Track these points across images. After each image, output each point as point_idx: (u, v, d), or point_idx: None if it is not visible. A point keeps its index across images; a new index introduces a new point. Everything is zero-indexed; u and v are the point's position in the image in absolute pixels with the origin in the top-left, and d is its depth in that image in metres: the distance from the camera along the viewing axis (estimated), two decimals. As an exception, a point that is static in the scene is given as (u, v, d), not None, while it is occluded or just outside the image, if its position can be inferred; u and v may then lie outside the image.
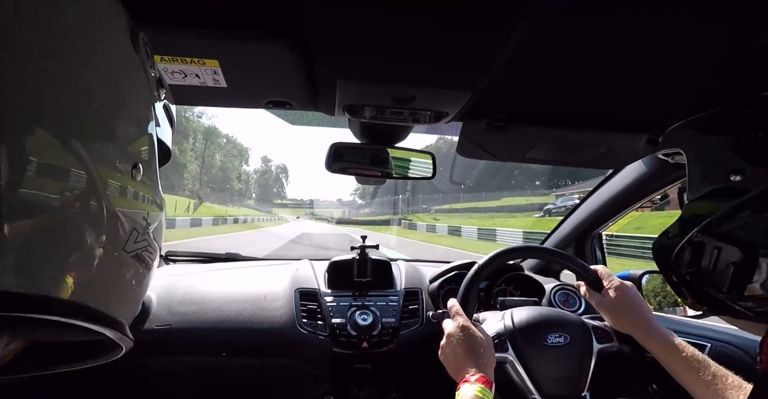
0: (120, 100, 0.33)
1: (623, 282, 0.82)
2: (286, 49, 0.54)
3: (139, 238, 0.35)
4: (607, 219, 1.35)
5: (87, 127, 0.28)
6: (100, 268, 0.31)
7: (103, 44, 0.31)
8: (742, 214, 0.52)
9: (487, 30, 0.49)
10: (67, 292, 0.27)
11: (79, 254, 0.28)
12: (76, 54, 0.27)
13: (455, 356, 0.72)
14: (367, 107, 0.69)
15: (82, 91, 0.28)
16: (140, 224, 0.36)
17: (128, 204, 0.34)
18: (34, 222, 0.24)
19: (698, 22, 0.48)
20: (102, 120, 0.30)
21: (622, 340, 0.83)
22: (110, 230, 0.31)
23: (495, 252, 0.88)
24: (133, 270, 0.35)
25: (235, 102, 0.74)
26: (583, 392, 0.79)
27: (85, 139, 0.28)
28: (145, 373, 1.11)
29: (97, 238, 0.30)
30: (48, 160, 0.25)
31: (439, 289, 1.26)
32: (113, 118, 0.32)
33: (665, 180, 1.10)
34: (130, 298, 0.35)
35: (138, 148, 0.35)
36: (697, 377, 0.65)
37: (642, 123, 0.76)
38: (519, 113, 0.73)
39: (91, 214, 0.29)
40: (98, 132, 0.30)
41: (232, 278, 1.31)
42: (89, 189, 0.28)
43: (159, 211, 0.40)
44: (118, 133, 0.32)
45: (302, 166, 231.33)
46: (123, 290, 0.34)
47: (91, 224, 0.29)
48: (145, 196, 0.37)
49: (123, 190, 0.33)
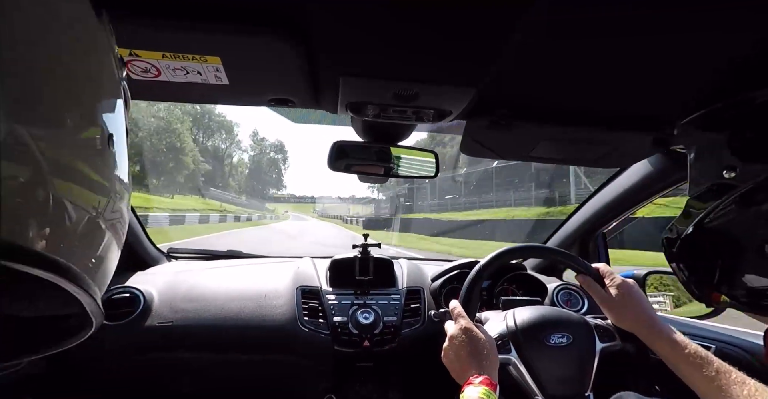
0: (92, 75, 0.33)
1: (625, 280, 0.82)
2: (289, 45, 0.53)
3: (114, 208, 0.36)
4: (612, 218, 1.34)
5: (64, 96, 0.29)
6: (78, 228, 0.31)
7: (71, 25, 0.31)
8: (731, 209, 0.54)
9: (492, 27, 0.49)
10: (45, 246, 0.27)
11: (59, 211, 0.28)
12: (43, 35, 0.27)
13: (458, 359, 0.72)
14: (369, 105, 0.69)
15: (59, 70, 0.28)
16: (116, 194, 0.36)
17: (106, 172, 0.34)
18: (19, 171, 0.24)
19: (704, 16, 0.47)
20: (80, 91, 0.31)
21: (625, 338, 0.82)
22: (90, 195, 0.32)
23: (497, 251, 0.88)
24: (107, 238, 0.35)
25: (236, 99, 0.74)
26: (586, 392, 0.79)
27: (65, 109, 0.28)
28: (147, 369, 1.11)
29: (77, 200, 0.30)
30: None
31: (441, 288, 1.26)
32: (89, 90, 0.32)
33: (671, 179, 1.09)
34: (104, 267, 0.36)
35: (113, 122, 0.35)
36: (701, 373, 0.65)
37: (648, 121, 0.75)
38: (523, 111, 0.73)
39: (74, 175, 0.29)
40: (77, 102, 0.30)
41: (234, 276, 1.31)
42: (72, 151, 0.29)
43: (128, 186, 0.41)
44: (95, 105, 0.33)
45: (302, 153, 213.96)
46: (99, 257, 0.34)
47: (73, 185, 0.29)
48: (119, 167, 0.37)
49: (104, 159, 0.33)
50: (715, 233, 0.55)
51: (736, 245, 0.53)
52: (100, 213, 0.34)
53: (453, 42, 0.52)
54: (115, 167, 0.36)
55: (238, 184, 79.13)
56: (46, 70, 0.27)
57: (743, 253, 0.52)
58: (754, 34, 0.50)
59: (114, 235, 0.37)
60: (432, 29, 0.49)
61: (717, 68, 0.58)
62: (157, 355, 1.09)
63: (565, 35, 0.52)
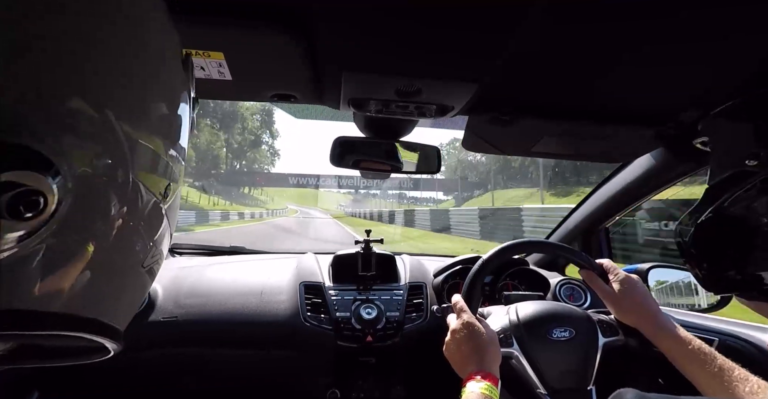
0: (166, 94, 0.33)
1: (629, 275, 0.82)
2: (292, 41, 0.53)
3: (155, 253, 0.35)
4: (614, 213, 1.34)
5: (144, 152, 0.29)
6: (116, 284, 0.31)
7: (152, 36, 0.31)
8: (751, 195, 0.53)
9: (495, 22, 0.48)
10: (79, 307, 0.27)
11: (100, 272, 0.28)
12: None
13: (460, 353, 0.72)
14: (372, 101, 0.69)
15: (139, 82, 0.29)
16: (160, 237, 0.35)
17: (155, 219, 0.33)
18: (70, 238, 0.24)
19: (707, 14, 0.47)
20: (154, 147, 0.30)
21: (628, 333, 0.82)
22: (135, 248, 0.31)
23: (500, 246, 0.88)
24: (143, 282, 0.35)
25: (239, 95, 0.74)
26: (588, 386, 0.79)
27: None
28: (152, 365, 1.12)
29: (122, 256, 0.30)
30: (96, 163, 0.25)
31: (444, 283, 1.26)
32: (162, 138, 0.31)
33: (674, 173, 1.08)
34: (133, 308, 0.35)
35: (175, 169, 0.34)
36: (704, 370, 0.65)
37: (651, 116, 0.74)
38: (526, 106, 0.73)
39: (126, 232, 0.29)
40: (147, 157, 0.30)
41: (237, 271, 1.32)
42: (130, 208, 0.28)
43: (171, 222, 0.39)
44: (163, 156, 0.32)
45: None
46: (130, 302, 0.34)
47: (121, 241, 0.29)
48: (172, 213, 0.36)
49: (156, 208, 0.32)
50: (733, 220, 0.55)
51: (755, 232, 0.52)
52: (144, 265, 0.33)
53: (455, 37, 0.52)
54: (165, 212, 0.35)
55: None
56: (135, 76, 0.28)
57: (761, 240, 0.51)
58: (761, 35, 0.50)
59: (150, 277, 0.36)
60: (435, 25, 0.49)
61: (716, 63, 0.58)
62: (162, 350, 1.10)
63: (568, 30, 0.52)
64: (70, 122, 0.23)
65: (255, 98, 0.75)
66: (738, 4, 0.46)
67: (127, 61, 0.27)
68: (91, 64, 0.24)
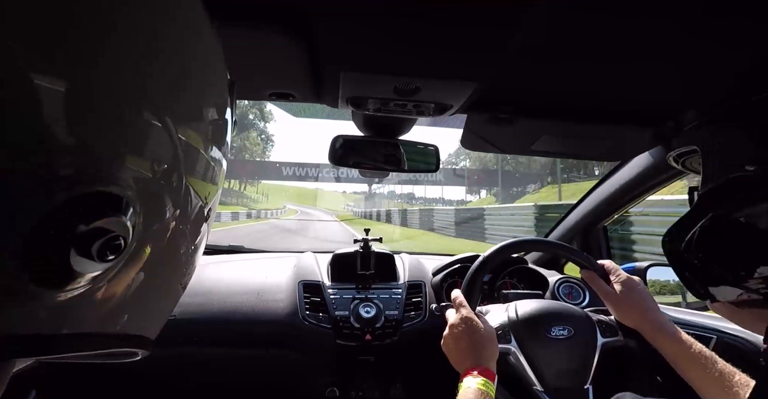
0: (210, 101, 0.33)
1: (630, 277, 0.82)
2: (290, 39, 0.53)
3: (191, 270, 0.35)
4: (613, 211, 1.34)
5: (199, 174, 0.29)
6: (158, 303, 0.31)
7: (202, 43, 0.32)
8: (753, 199, 0.52)
9: (494, 20, 0.48)
10: (119, 325, 0.27)
11: (148, 291, 0.28)
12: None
13: (458, 348, 0.72)
14: (370, 99, 0.69)
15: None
16: (198, 253, 0.35)
17: (199, 238, 0.34)
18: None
19: (713, 11, 0.47)
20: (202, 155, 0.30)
21: (628, 335, 0.82)
22: (181, 271, 0.32)
23: (501, 244, 0.88)
24: (180, 293, 0.35)
25: (237, 94, 0.73)
26: (585, 385, 0.79)
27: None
28: (150, 364, 1.12)
29: (169, 280, 0.31)
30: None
31: (443, 282, 1.27)
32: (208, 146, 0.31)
33: (672, 172, 1.08)
34: (165, 318, 0.35)
35: (222, 176, 0.35)
36: (704, 374, 0.65)
37: (649, 114, 0.74)
38: (525, 105, 0.72)
39: (177, 255, 0.30)
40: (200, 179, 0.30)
41: (236, 270, 1.32)
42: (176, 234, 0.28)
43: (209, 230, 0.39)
44: (209, 174, 0.32)
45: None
46: (167, 312, 0.35)
47: (169, 266, 0.30)
48: (207, 227, 0.36)
49: (202, 230, 0.33)
50: (736, 228, 0.53)
51: (751, 240, 0.51)
52: (182, 284, 0.34)
53: (454, 35, 0.51)
54: (206, 229, 0.35)
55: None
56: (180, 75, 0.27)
57: (756, 248, 0.50)
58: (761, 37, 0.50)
59: (183, 290, 0.36)
60: (433, 23, 0.49)
61: (721, 65, 0.57)
62: (160, 350, 1.09)
63: (569, 28, 0.51)
64: (137, 143, 0.23)
65: (253, 97, 0.74)
66: (736, 13, 0.46)
67: (180, 70, 0.27)
68: (152, 78, 0.24)
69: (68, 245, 0.20)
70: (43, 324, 0.21)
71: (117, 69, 0.22)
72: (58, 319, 0.22)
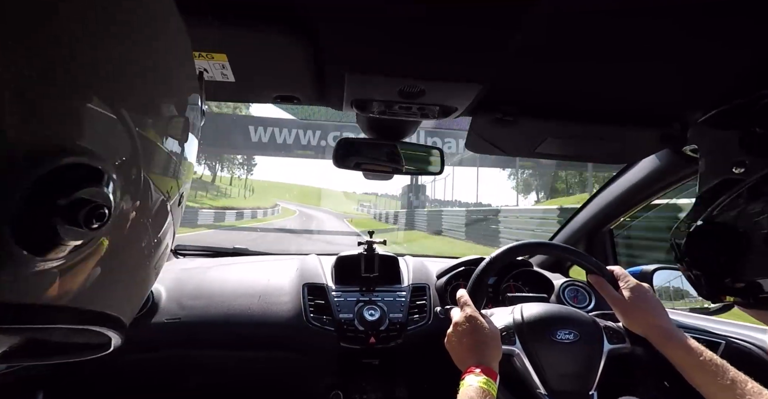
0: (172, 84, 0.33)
1: (640, 283, 0.81)
2: (296, 42, 0.53)
3: (165, 253, 0.36)
4: (619, 214, 1.33)
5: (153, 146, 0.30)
6: (124, 279, 0.32)
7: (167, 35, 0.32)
8: (740, 203, 0.53)
9: (499, 22, 0.48)
10: (90, 301, 0.28)
11: (111, 267, 0.29)
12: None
13: (461, 346, 0.72)
14: (375, 102, 0.69)
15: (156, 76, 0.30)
16: (169, 237, 0.36)
17: (168, 221, 0.35)
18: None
19: (714, 11, 0.46)
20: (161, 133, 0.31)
21: (636, 341, 0.81)
22: (142, 243, 0.32)
23: (508, 246, 0.88)
24: (147, 278, 0.36)
25: (242, 96, 0.74)
26: (591, 390, 0.78)
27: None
28: (155, 366, 1.13)
29: (132, 252, 0.31)
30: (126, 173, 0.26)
31: (447, 284, 1.26)
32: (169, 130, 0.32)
33: (679, 175, 1.07)
34: (138, 302, 0.37)
35: (187, 171, 0.36)
36: (715, 382, 0.63)
37: (656, 116, 0.74)
38: (529, 107, 0.72)
39: (136, 229, 0.30)
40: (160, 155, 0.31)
41: (240, 272, 1.32)
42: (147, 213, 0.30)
43: (176, 221, 0.40)
44: (175, 153, 0.33)
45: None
46: (136, 296, 0.35)
47: (132, 238, 0.30)
48: (179, 213, 0.37)
49: (163, 206, 0.33)
50: (725, 229, 0.55)
51: (746, 240, 0.52)
52: (156, 267, 0.35)
53: (454, 36, 0.51)
54: (178, 213, 0.36)
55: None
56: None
57: (753, 248, 0.51)
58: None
59: (156, 274, 0.37)
60: (434, 23, 0.49)
61: (725, 65, 0.57)
62: (166, 352, 1.10)
63: (572, 29, 0.51)
64: (97, 126, 0.24)
65: (257, 100, 0.75)
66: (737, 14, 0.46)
67: (141, 61, 0.28)
68: (108, 66, 0.25)
69: (55, 212, 0.22)
70: (25, 293, 0.23)
71: (71, 50, 0.22)
72: (39, 288, 0.24)
